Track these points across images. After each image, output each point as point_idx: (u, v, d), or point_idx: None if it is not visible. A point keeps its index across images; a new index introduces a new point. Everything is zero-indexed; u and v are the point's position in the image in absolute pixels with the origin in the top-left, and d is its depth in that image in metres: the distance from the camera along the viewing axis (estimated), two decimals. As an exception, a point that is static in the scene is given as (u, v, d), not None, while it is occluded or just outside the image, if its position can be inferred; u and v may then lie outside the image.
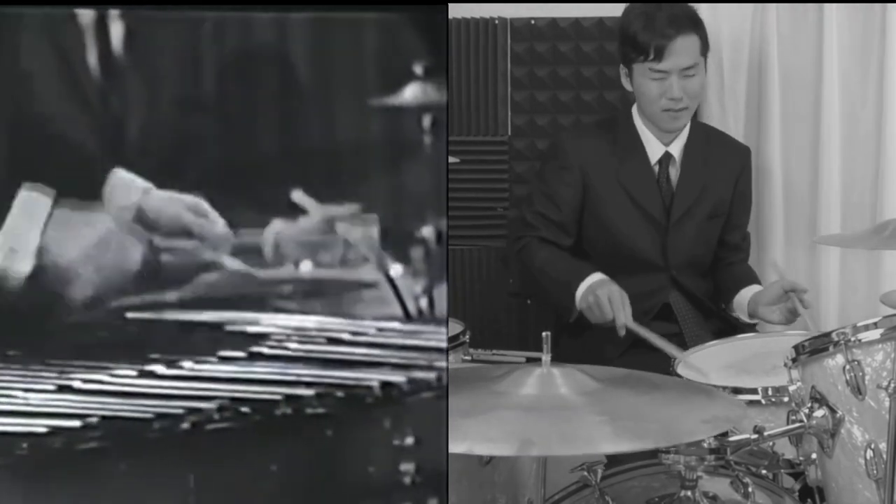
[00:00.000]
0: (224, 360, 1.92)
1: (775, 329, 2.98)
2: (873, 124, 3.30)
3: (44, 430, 1.64)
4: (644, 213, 3.01)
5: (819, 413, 2.08)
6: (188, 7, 2.17)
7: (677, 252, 3.02)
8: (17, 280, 2.09)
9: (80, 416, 1.67)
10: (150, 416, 1.69)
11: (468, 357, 2.83)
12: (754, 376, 2.51)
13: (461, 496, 2.13)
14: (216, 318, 2.08)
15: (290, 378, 1.83)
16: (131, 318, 2.10)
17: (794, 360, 2.16)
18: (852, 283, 3.38)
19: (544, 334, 1.84)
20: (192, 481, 1.69)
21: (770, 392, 2.36)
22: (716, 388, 2.26)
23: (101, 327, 2.08)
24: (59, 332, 2.06)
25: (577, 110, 3.53)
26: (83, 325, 2.09)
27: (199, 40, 2.25)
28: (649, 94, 2.93)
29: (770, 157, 3.33)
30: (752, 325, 3.01)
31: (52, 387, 1.81)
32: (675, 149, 3.02)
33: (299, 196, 2.21)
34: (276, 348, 1.97)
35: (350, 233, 2.19)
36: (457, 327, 2.80)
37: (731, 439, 2.01)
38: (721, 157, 3.09)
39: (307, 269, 2.20)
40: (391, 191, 2.25)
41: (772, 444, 2.14)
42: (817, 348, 2.11)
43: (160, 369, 1.88)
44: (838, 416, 2.06)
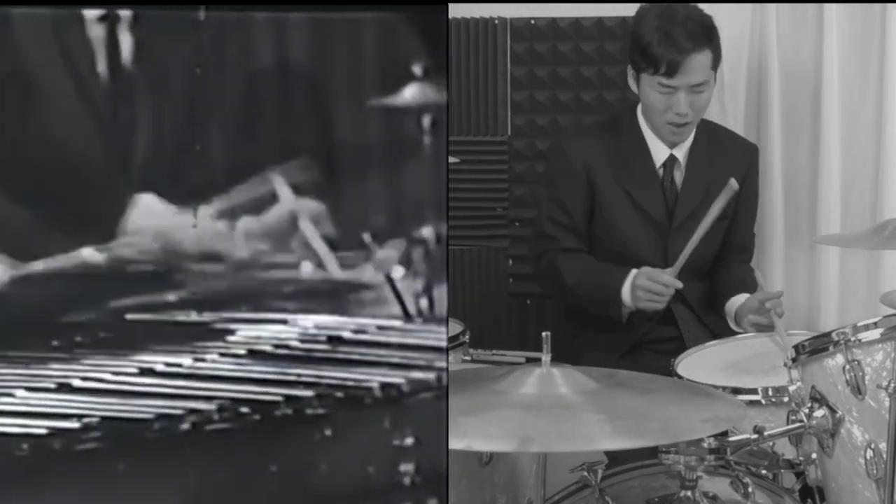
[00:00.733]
0: (224, 359, 1.92)
1: (775, 329, 2.97)
2: (873, 124, 3.29)
3: (43, 432, 1.64)
4: (646, 216, 2.98)
5: (819, 413, 2.08)
6: (188, 7, 2.17)
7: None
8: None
9: (80, 417, 1.67)
10: (149, 416, 1.69)
11: (468, 357, 2.83)
12: (754, 376, 2.50)
13: (461, 496, 2.13)
14: (216, 318, 2.08)
15: (289, 378, 1.83)
16: (131, 319, 2.10)
17: (794, 360, 2.16)
18: (852, 283, 3.38)
19: (544, 334, 1.84)
20: (192, 481, 1.69)
21: (770, 392, 2.37)
22: (715, 389, 2.27)
23: (102, 327, 2.08)
24: (60, 332, 2.05)
25: (577, 110, 3.53)
26: (83, 325, 2.09)
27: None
28: (655, 105, 2.89)
29: (770, 157, 3.33)
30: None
31: (52, 386, 1.81)
32: (681, 152, 2.99)
33: (279, 182, 2.20)
34: (277, 348, 1.97)
35: (311, 231, 2.18)
36: (457, 327, 2.80)
37: (731, 439, 2.00)
38: (727, 157, 3.04)
39: (307, 269, 2.20)
40: (391, 191, 2.25)
41: (772, 444, 2.14)
42: (817, 348, 2.11)
43: (160, 369, 1.88)
44: (838, 415, 2.06)
